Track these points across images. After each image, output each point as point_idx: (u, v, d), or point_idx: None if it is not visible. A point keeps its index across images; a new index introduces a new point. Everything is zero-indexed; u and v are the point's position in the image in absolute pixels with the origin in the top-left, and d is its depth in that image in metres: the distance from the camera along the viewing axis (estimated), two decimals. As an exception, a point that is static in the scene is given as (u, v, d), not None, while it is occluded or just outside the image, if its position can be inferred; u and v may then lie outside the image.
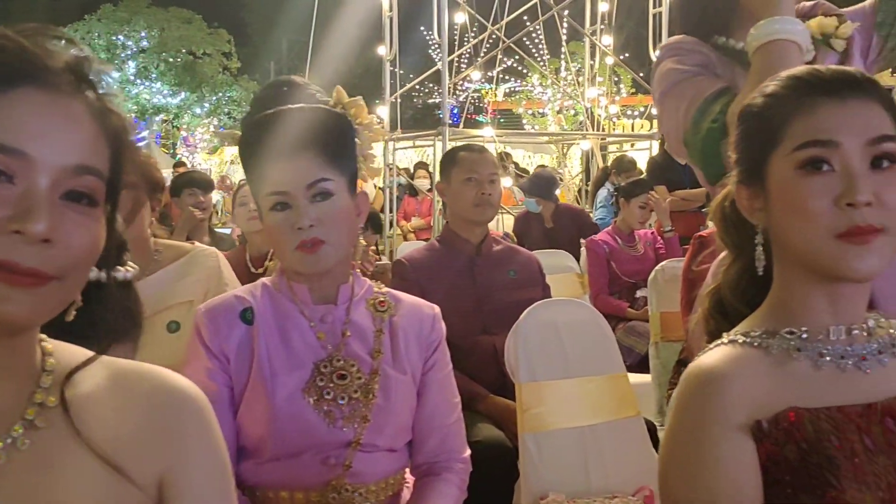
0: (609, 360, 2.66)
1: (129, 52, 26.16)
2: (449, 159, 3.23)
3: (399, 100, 8.47)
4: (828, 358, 1.19)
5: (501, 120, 21.59)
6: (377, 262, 4.08)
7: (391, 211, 8.23)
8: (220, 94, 27.20)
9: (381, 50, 8.24)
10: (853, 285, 1.20)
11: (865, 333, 1.23)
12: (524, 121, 22.55)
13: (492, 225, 3.60)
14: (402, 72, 9.16)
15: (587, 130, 10.03)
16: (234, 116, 26.55)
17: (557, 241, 5.75)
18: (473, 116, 17.91)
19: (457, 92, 13.55)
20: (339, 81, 2.27)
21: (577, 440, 2.51)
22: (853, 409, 1.15)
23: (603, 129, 10.77)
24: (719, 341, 1.24)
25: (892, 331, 1.26)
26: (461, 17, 9.48)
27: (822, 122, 1.18)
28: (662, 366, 3.75)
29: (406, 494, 1.86)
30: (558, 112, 20.25)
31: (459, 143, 4.49)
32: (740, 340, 1.22)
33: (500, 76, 17.85)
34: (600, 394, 2.57)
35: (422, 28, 13.66)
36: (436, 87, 14.67)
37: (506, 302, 3.01)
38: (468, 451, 1.92)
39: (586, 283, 4.97)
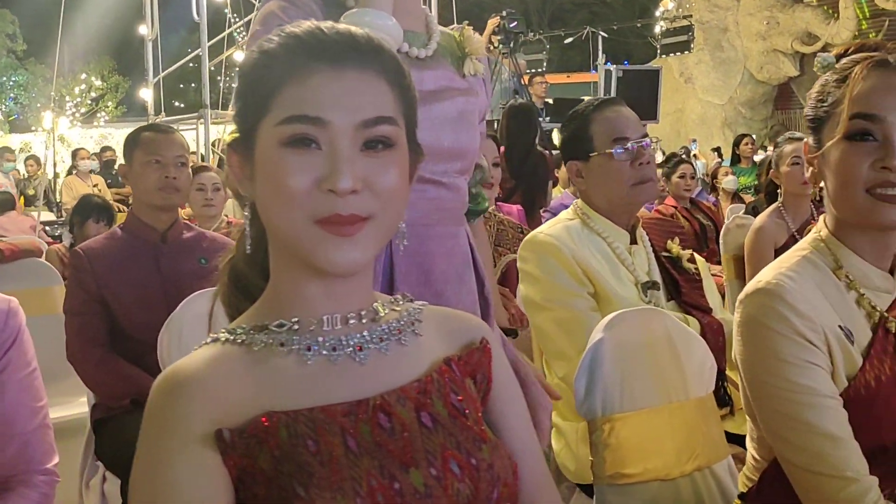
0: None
1: None
2: (131, 140, 2.97)
3: (162, 82, 8.05)
4: (317, 351, 1.06)
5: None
6: None
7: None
8: (5, 79, 25.58)
9: (143, 29, 7.82)
10: None
11: (367, 320, 1.11)
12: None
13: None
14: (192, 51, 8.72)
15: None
16: (20, 101, 25.08)
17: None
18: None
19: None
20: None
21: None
22: (339, 407, 1.03)
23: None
24: (208, 339, 1.09)
25: (405, 313, 1.15)
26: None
27: (314, 95, 1.03)
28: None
29: None
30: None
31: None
32: (223, 338, 1.07)
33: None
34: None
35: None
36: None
37: (196, 292, 2.80)
38: (55, 460, 1.71)
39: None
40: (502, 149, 4.59)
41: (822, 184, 1.55)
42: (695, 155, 13.89)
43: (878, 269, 1.52)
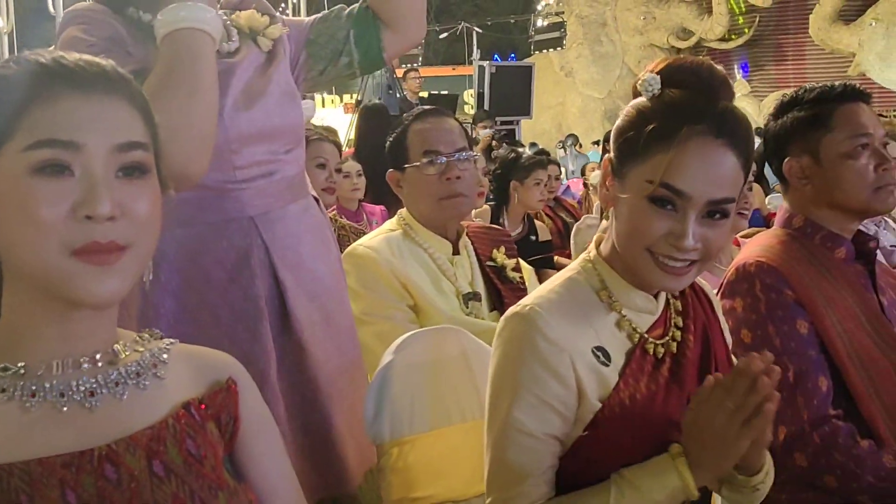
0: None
1: None
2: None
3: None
4: (42, 398, 1.01)
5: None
6: None
7: None
8: None
9: None
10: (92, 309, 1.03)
11: (103, 363, 1.06)
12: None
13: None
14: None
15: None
16: None
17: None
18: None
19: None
20: None
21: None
22: (59, 458, 0.98)
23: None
24: None
25: (148, 353, 1.11)
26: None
27: (64, 118, 0.99)
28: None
29: None
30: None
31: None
32: None
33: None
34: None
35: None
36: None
37: None
38: None
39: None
40: (352, 150, 4.56)
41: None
42: (578, 149, 14.11)
43: (641, 291, 1.53)
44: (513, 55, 19.73)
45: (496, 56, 19.09)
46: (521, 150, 6.57)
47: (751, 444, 1.33)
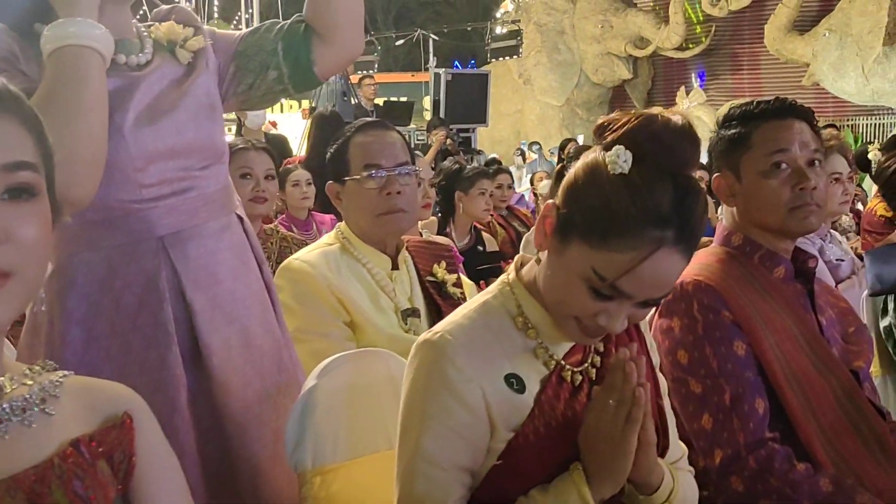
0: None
1: None
2: None
3: None
4: None
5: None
6: None
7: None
8: None
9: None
10: None
11: None
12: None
13: None
14: None
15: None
16: None
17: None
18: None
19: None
20: None
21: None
22: None
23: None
24: None
25: (37, 387, 1.05)
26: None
27: None
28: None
29: None
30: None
31: None
32: None
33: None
34: None
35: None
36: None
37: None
38: None
39: None
40: (301, 156, 4.51)
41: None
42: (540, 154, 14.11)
43: None
44: (472, 62, 19.71)
45: (457, 63, 19.08)
46: (478, 157, 6.55)
47: (639, 447, 1.35)
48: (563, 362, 1.48)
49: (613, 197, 1.33)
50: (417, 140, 9.02)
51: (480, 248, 4.93)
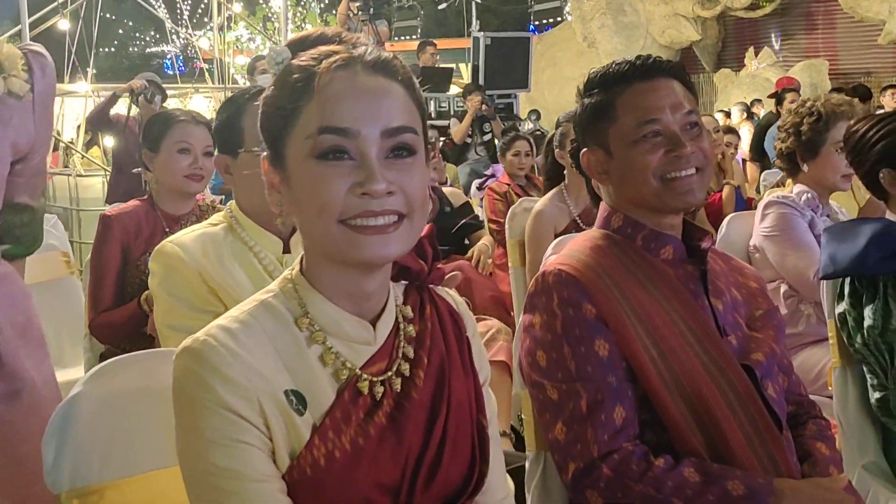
0: None
1: None
2: None
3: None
4: None
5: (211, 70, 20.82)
6: None
7: None
8: None
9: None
10: None
11: None
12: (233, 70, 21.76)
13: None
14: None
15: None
16: None
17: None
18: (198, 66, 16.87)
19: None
20: None
21: None
22: None
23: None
24: None
25: None
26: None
27: None
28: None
29: None
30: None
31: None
32: None
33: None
34: None
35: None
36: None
37: None
38: None
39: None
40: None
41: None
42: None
43: (353, 315, 1.25)
44: (533, 27, 19.18)
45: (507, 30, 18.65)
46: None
47: None
48: (359, 371, 1.24)
49: (283, 79, 1.25)
50: (457, 107, 8.71)
51: (448, 208, 4.68)
